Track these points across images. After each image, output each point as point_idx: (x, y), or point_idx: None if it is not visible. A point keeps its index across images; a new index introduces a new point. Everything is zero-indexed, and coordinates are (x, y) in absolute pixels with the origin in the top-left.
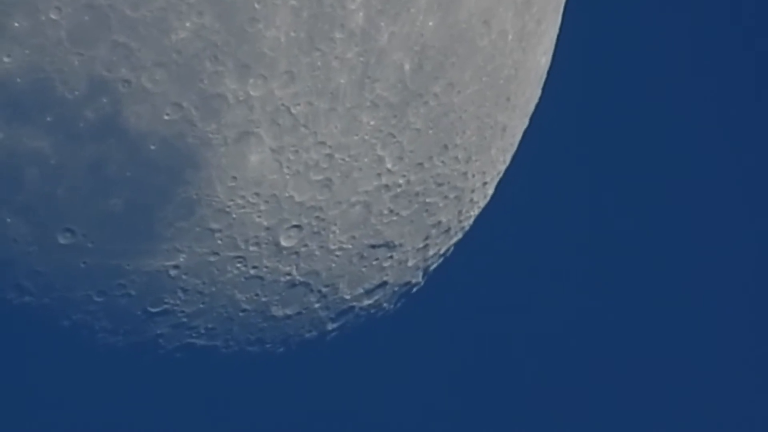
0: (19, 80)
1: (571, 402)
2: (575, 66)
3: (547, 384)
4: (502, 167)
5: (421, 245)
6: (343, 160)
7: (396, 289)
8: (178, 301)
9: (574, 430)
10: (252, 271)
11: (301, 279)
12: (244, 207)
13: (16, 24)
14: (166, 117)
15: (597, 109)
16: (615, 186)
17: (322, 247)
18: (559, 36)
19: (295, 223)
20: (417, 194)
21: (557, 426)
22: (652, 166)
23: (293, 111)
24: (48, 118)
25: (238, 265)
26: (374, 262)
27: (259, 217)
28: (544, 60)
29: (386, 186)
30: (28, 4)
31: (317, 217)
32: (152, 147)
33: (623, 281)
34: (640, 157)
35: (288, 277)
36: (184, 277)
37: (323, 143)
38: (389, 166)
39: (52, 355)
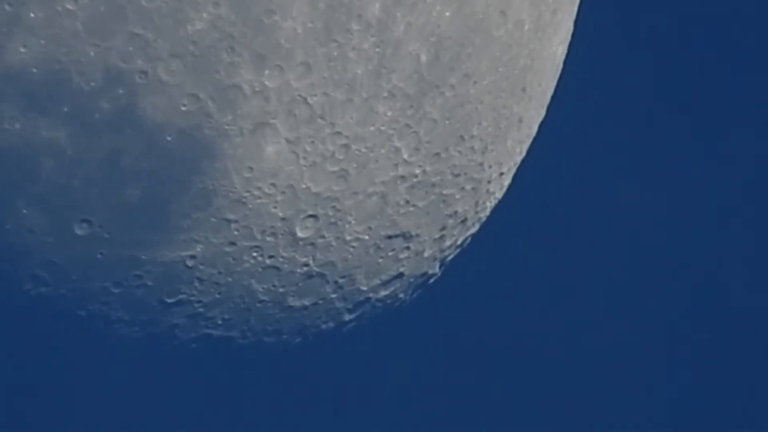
0: (34, 71)
1: (587, 393)
2: (592, 56)
3: (565, 375)
4: (519, 158)
5: (437, 236)
6: (360, 150)
7: (412, 280)
8: (194, 292)
9: (589, 419)
10: (268, 262)
11: (318, 270)
12: (260, 198)
13: (32, 14)
14: (182, 108)
15: (614, 100)
16: (633, 177)
17: (338, 237)
18: (575, 26)
19: (311, 213)
20: (433, 185)
21: (572, 416)
22: (671, 157)
23: (309, 102)
24: (64, 109)
25: (255, 255)
26: (390, 253)
27: (276, 207)
28: (561, 50)
29: (403, 177)
30: None
31: (333, 208)
32: (168, 138)
33: (642, 273)
34: (658, 148)
35: (305, 268)
36: (200, 267)
37: (339, 134)
38: (406, 156)
39: (69, 345)
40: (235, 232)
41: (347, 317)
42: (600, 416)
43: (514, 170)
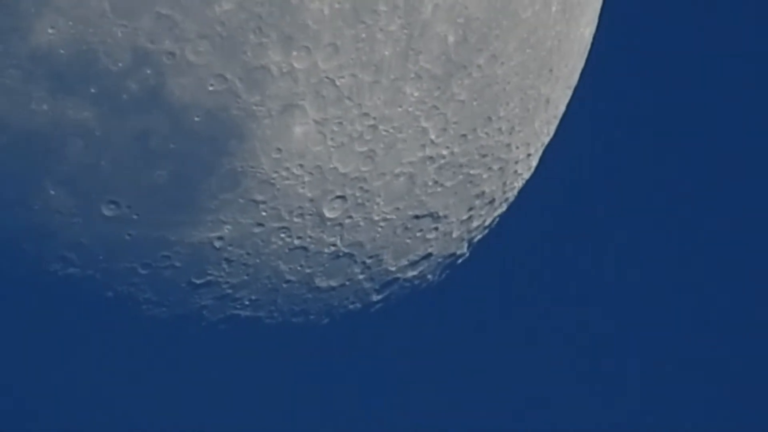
0: (62, 52)
1: (617, 377)
2: (619, 37)
3: (593, 358)
4: (546, 139)
5: (465, 216)
6: (387, 131)
7: (440, 260)
8: (222, 273)
9: (616, 405)
10: (296, 242)
11: (346, 250)
12: (288, 178)
13: None
14: (210, 89)
15: (641, 81)
16: (660, 158)
17: (366, 218)
18: (602, 7)
19: (339, 194)
20: (461, 165)
21: (601, 400)
22: (699, 138)
23: (337, 83)
24: (92, 90)
25: (283, 236)
26: (418, 234)
27: (303, 188)
28: (588, 31)
29: (430, 157)
30: None
31: (361, 188)
32: (196, 119)
33: (671, 252)
34: (687, 130)
35: (332, 248)
36: (228, 248)
37: (367, 115)
38: (433, 137)
39: (96, 326)
40: (263, 213)
41: (375, 298)
42: (625, 399)
43: (541, 151)
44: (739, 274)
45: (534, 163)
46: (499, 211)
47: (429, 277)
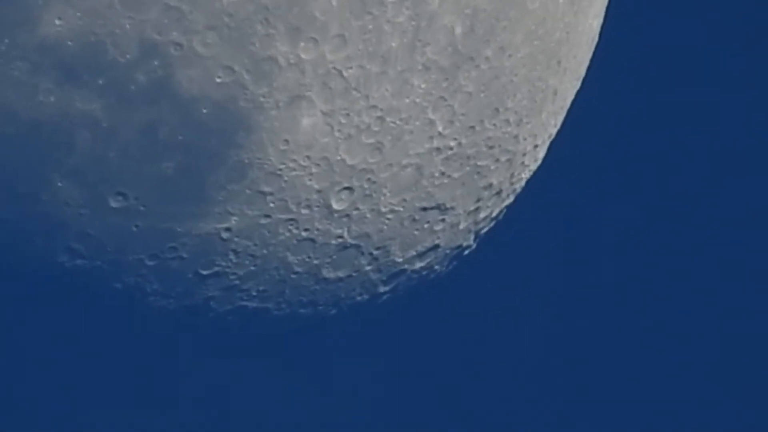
0: (70, 43)
1: (620, 370)
2: (627, 29)
3: (602, 350)
4: (554, 130)
5: (472, 208)
6: (395, 123)
7: (447, 252)
8: (229, 264)
9: (620, 396)
10: (303, 234)
11: (353, 241)
12: (295, 170)
13: None
14: (217, 80)
15: (648, 73)
16: (668, 148)
17: (373, 209)
18: None
19: (346, 185)
20: (468, 157)
21: (608, 391)
22: (706, 132)
23: (345, 74)
24: (99, 82)
25: (290, 227)
26: (426, 225)
27: (311, 179)
28: (596, 23)
29: (437, 149)
30: None
31: (369, 180)
32: (204, 110)
33: (677, 245)
34: (694, 122)
35: (339, 240)
36: (235, 239)
37: (375, 106)
38: (440, 129)
39: (104, 318)
40: (271, 205)
41: (382, 289)
42: (634, 395)
43: (548, 142)
44: (748, 263)
45: (541, 154)
46: (507, 202)
47: (436, 268)
